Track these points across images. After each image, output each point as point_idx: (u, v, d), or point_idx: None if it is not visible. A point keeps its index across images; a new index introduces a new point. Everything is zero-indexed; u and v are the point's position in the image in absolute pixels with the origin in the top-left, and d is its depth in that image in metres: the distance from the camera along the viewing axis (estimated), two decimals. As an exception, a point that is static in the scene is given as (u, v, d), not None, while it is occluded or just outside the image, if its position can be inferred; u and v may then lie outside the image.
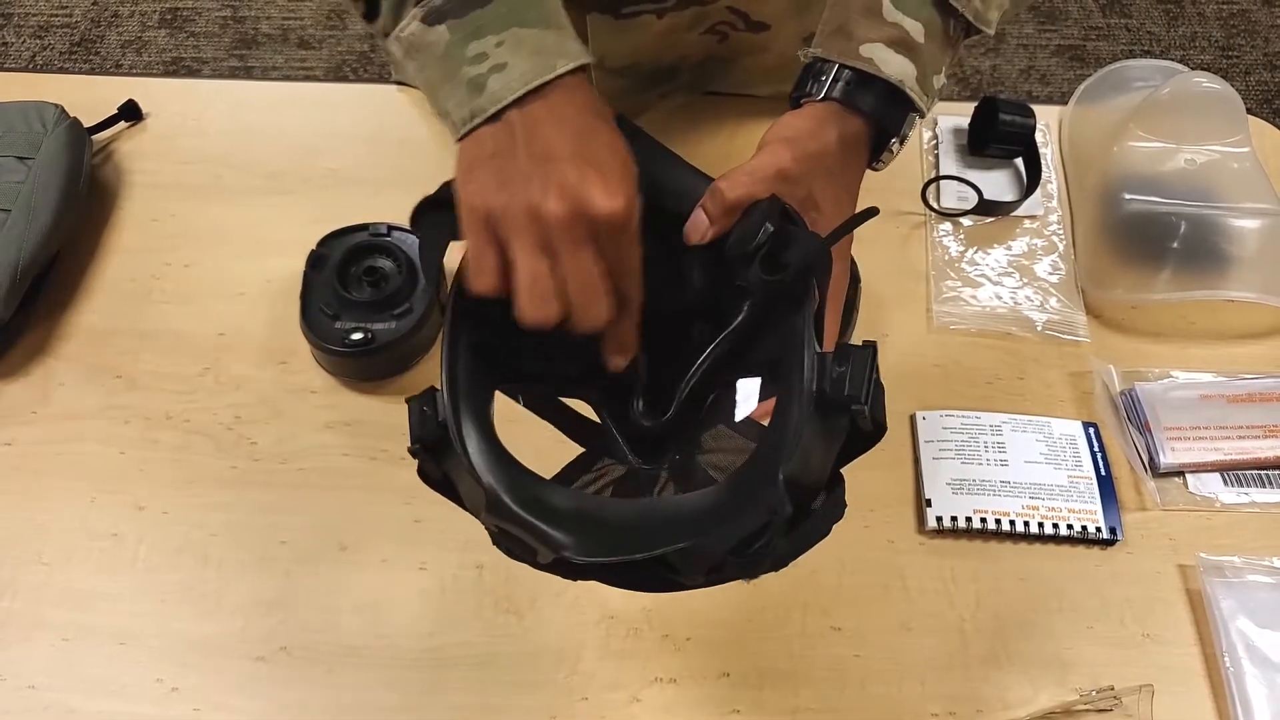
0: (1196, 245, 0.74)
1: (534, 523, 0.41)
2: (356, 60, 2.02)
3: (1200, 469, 0.66)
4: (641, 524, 0.43)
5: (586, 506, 0.44)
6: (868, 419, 0.41)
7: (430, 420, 0.44)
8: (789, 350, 0.44)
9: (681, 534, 0.40)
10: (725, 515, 0.41)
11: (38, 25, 2.06)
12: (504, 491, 0.42)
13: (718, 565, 0.41)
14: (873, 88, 0.53)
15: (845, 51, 0.53)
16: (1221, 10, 2.12)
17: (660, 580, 0.42)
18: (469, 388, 0.45)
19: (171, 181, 0.82)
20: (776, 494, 0.40)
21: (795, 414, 0.42)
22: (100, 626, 0.61)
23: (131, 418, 0.69)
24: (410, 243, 0.73)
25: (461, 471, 0.44)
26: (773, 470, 0.40)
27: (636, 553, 0.40)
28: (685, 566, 0.41)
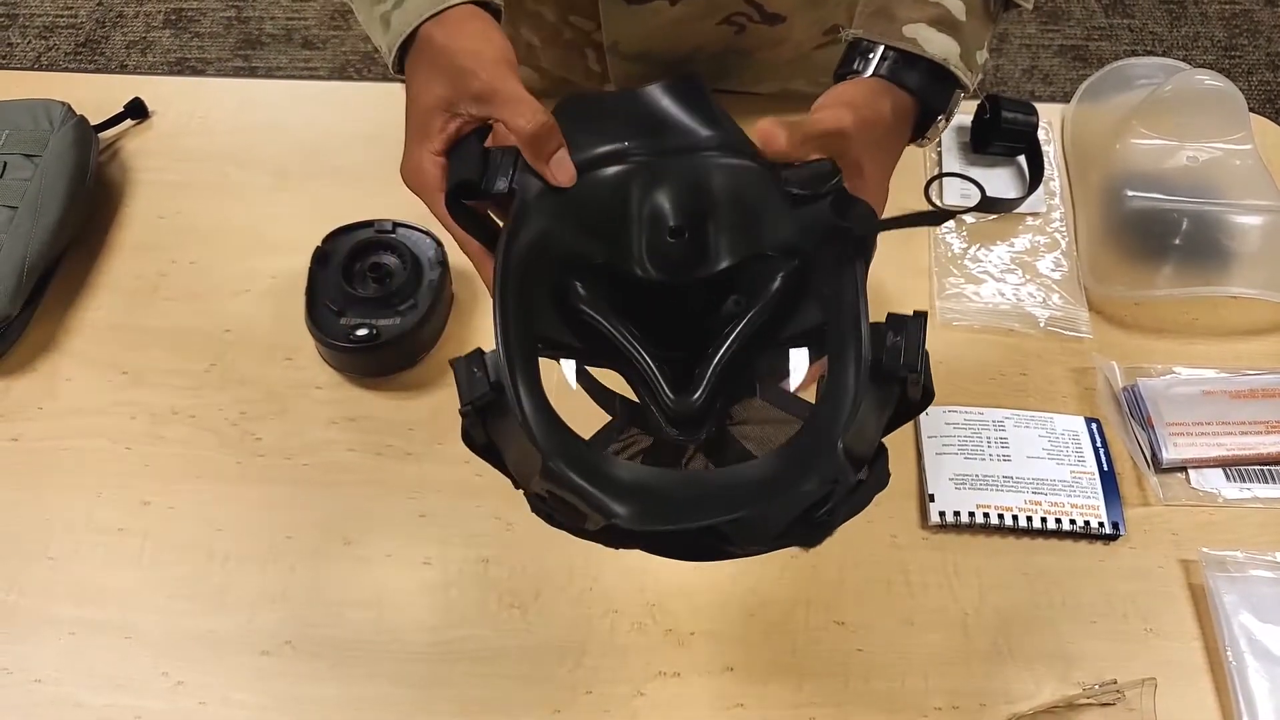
0: (1199, 242, 0.74)
1: (590, 490, 0.40)
2: (360, 60, 2.03)
3: (1202, 464, 0.67)
4: (698, 494, 0.42)
5: (641, 476, 0.43)
6: (920, 387, 0.42)
7: (481, 381, 0.43)
8: (840, 319, 0.44)
9: (738, 504, 0.40)
10: (782, 485, 0.41)
11: (43, 26, 2.07)
12: (560, 456, 0.41)
13: (780, 536, 0.41)
14: (918, 66, 0.54)
15: (888, 32, 0.54)
16: (1224, 10, 2.12)
17: (710, 550, 0.42)
18: (521, 348, 0.44)
19: (177, 179, 0.82)
20: (838, 463, 0.40)
21: (852, 384, 0.42)
22: (106, 621, 0.62)
23: (138, 413, 0.70)
24: (414, 239, 0.73)
25: (512, 435, 0.43)
26: (831, 440, 0.40)
27: (694, 522, 0.40)
28: (744, 537, 0.40)
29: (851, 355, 0.43)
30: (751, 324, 0.48)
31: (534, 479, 0.42)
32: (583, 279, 0.48)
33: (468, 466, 0.67)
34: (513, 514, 0.65)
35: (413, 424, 0.69)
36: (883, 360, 0.42)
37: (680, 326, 0.49)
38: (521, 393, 0.43)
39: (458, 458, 0.67)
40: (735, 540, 0.41)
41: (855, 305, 0.44)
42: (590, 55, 0.81)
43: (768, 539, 0.41)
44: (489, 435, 0.44)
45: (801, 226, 0.48)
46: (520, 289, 0.46)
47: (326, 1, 2.12)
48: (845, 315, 0.44)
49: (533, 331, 0.46)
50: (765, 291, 0.48)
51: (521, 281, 0.46)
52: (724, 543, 0.41)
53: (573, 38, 0.80)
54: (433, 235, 0.73)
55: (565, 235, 0.48)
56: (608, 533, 0.41)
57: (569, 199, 0.48)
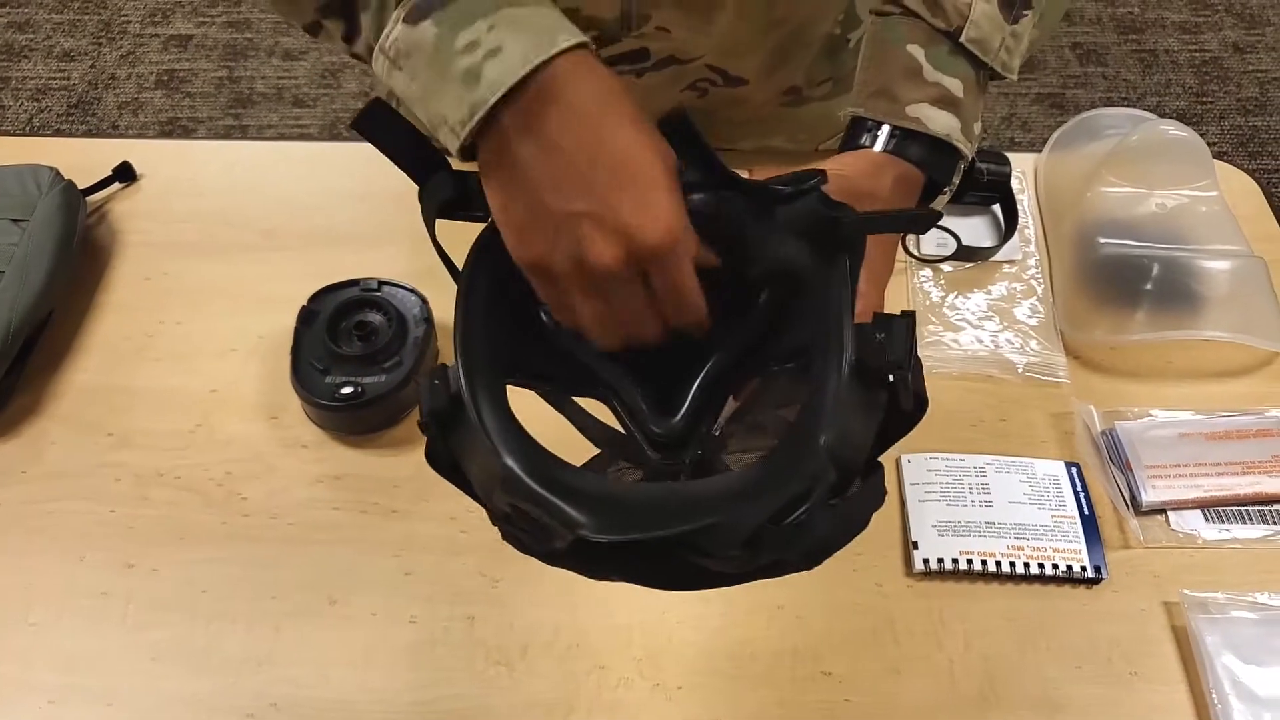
0: (1170, 286, 0.76)
1: (551, 499, 0.38)
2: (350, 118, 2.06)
3: (1181, 506, 0.67)
4: (666, 503, 0.40)
5: (608, 488, 0.42)
6: (909, 392, 0.40)
7: (441, 392, 0.41)
8: (822, 322, 0.42)
9: (711, 512, 0.38)
10: (759, 490, 0.39)
11: (35, 88, 2.10)
12: (521, 468, 0.39)
13: (752, 541, 0.38)
14: (921, 141, 0.56)
15: (892, 112, 0.56)
16: (1194, 58, 2.18)
17: (692, 573, 0.39)
18: (485, 363, 0.42)
19: (164, 240, 0.83)
20: (817, 460, 0.38)
21: (833, 380, 0.40)
22: (88, 687, 0.61)
23: (122, 475, 0.70)
24: (400, 296, 0.74)
25: (474, 448, 0.41)
26: (812, 437, 0.38)
27: (663, 530, 0.37)
28: (716, 544, 0.37)
29: (833, 351, 0.41)
30: (734, 343, 0.47)
31: (495, 493, 0.40)
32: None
33: (453, 523, 0.67)
34: (498, 570, 0.65)
35: (398, 481, 0.69)
36: (865, 358, 0.40)
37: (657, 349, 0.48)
38: (481, 402, 0.41)
39: (443, 515, 0.68)
40: (709, 551, 0.38)
41: (838, 301, 0.42)
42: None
43: (738, 545, 0.38)
44: (452, 453, 0.42)
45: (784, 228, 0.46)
46: (488, 304, 0.44)
47: (316, 61, 2.15)
48: (828, 312, 0.42)
49: (501, 345, 0.44)
50: (749, 311, 0.48)
51: (489, 296, 0.45)
52: (698, 556, 0.38)
53: None
54: (418, 292, 0.74)
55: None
56: (580, 555, 0.39)
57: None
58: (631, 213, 0.41)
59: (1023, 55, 0.60)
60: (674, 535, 0.37)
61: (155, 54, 2.17)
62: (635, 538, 0.37)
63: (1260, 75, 2.15)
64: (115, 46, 2.18)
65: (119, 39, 2.20)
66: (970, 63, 0.58)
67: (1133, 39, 2.22)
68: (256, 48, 2.18)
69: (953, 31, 0.57)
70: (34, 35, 2.20)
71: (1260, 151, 2.01)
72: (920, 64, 0.57)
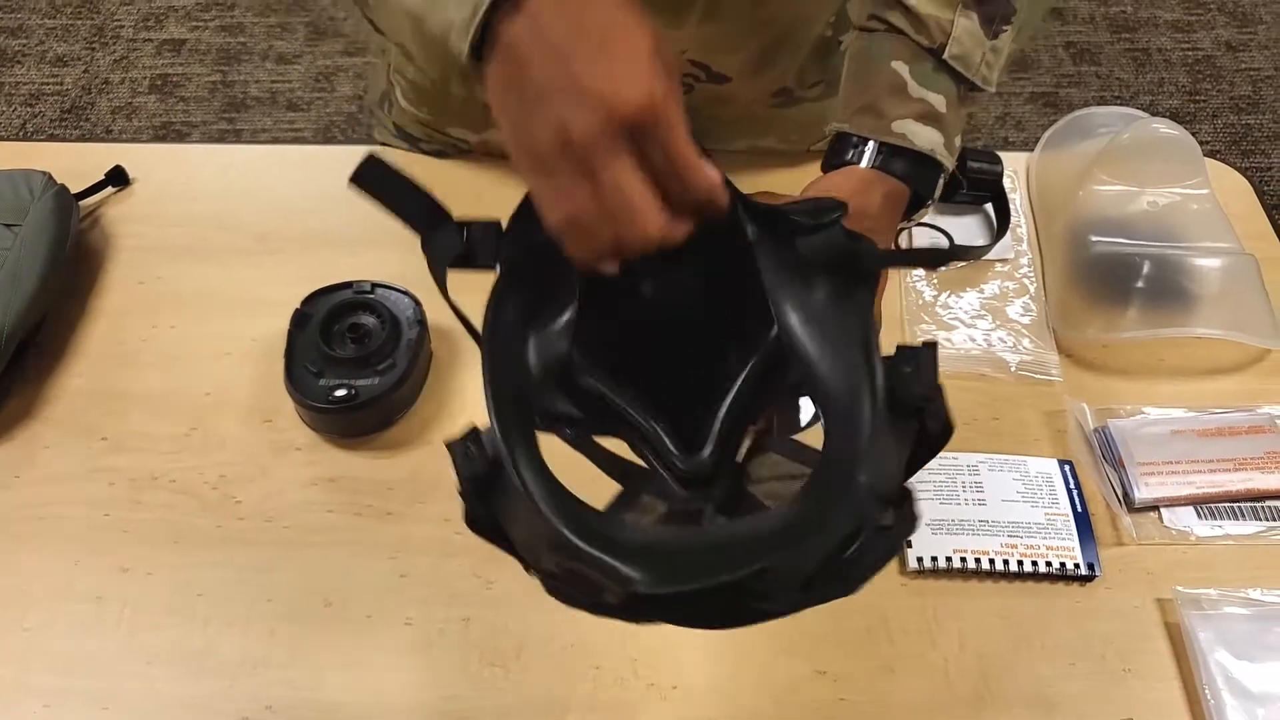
0: (1162, 284, 0.76)
1: (603, 559, 0.38)
2: (344, 121, 2.06)
3: (1174, 503, 0.67)
4: (717, 550, 0.40)
5: (656, 539, 0.42)
6: (938, 420, 0.41)
7: (478, 459, 0.41)
8: (847, 356, 0.43)
9: (760, 555, 0.38)
10: (803, 530, 0.39)
11: (29, 93, 2.10)
12: (569, 529, 0.39)
13: (809, 581, 0.38)
14: (906, 156, 0.58)
15: (878, 129, 0.58)
16: (1187, 57, 2.18)
17: (742, 611, 0.40)
18: (517, 422, 0.42)
19: (158, 244, 0.83)
20: (859, 498, 0.38)
21: (868, 416, 0.41)
22: (83, 691, 0.61)
23: (117, 479, 0.70)
24: (393, 299, 0.74)
25: (517, 511, 0.41)
26: (850, 476, 0.39)
27: (715, 579, 0.37)
28: (773, 588, 0.38)
29: (865, 387, 0.41)
30: (752, 373, 0.48)
31: (544, 555, 0.40)
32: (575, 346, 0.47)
33: (448, 525, 0.67)
34: (493, 572, 0.65)
35: (392, 484, 0.69)
36: (896, 391, 0.41)
37: (677, 383, 0.48)
38: (521, 465, 0.41)
39: (437, 517, 0.68)
40: (765, 595, 0.38)
41: (865, 335, 0.43)
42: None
43: (796, 588, 0.38)
44: (493, 516, 0.42)
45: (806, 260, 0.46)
46: (511, 360, 0.45)
47: (310, 65, 2.15)
48: (852, 345, 0.43)
49: (529, 402, 0.44)
50: (763, 340, 0.48)
51: (511, 352, 0.45)
52: (753, 600, 0.39)
53: None
54: (411, 295, 0.74)
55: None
56: (628, 605, 0.39)
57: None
58: (608, 81, 0.40)
59: (1001, 69, 0.61)
60: (730, 583, 0.37)
61: (149, 59, 2.17)
62: (693, 588, 0.38)
63: (1253, 73, 2.15)
64: (109, 51, 2.18)
65: (112, 44, 2.20)
66: (952, 78, 0.59)
67: (1126, 38, 2.23)
68: (250, 52, 2.18)
69: (936, 48, 0.59)
70: (27, 40, 2.20)
71: (1253, 150, 2.02)
72: (905, 80, 0.58)
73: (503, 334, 0.45)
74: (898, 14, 0.60)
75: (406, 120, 0.89)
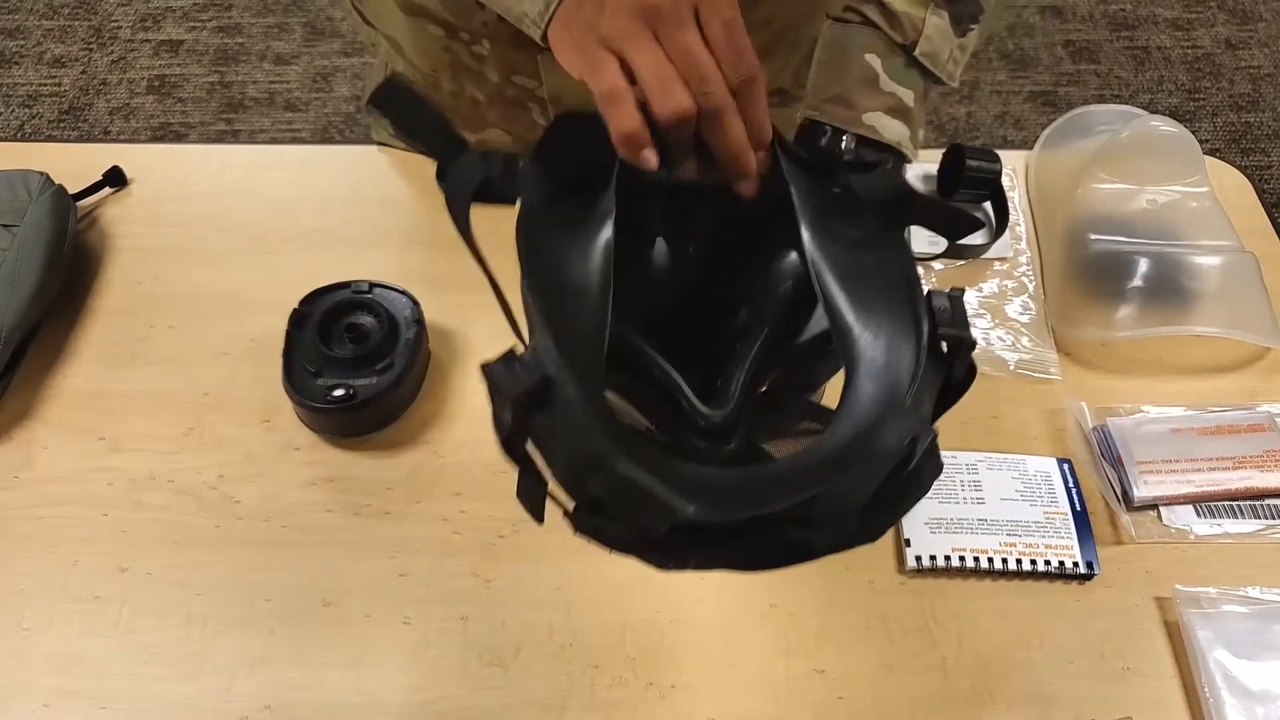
0: (1161, 283, 0.76)
1: (657, 484, 0.37)
2: (342, 121, 2.06)
3: (1173, 501, 0.67)
4: (768, 481, 0.39)
5: (708, 474, 0.40)
6: (964, 363, 0.42)
7: (524, 376, 0.38)
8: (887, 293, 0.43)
9: (815, 484, 0.37)
10: (857, 456, 0.38)
11: (26, 95, 2.10)
12: (624, 452, 0.37)
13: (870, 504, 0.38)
14: (874, 148, 0.59)
15: (849, 120, 0.59)
16: (1186, 55, 2.18)
17: (778, 550, 0.39)
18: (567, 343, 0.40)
19: (155, 245, 0.83)
20: (909, 420, 0.38)
21: (911, 350, 0.41)
22: (82, 691, 0.61)
23: (115, 479, 0.70)
24: (391, 299, 0.74)
25: (563, 432, 0.39)
26: (898, 399, 0.39)
27: (774, 505, 0.36)
28: (827, 516, 0.37)
29: (910, 324, 0.42)
30: (775, 329, 0.48)
31: (595, 478, 0.38)
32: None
33: (446, 525, 0.67)
34: (491, 571, 0.65)
35: (391, 483, 0.69)
36: (937, 328, 0.42)
37: (694, 341, 0.48)
38: (580, 381, 0.39)
39: (436, 516, 0.68)
40: (819, 523, 0.37)
41: (908, 274, 0.44)
42: (535, 109, 0.82)
43: (850, 515, 0.38)
44: (525, 439, 0.40)
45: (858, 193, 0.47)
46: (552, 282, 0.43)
47: (308, 65, 2.15)
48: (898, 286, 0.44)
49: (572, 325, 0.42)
50: (776, 299, 0.48)
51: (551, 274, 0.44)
52: (805, 529, 0.38)
53: (516, 95, 0.81)
54: (409, 294, 0.74)
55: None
56: (668, 544, 0.38)
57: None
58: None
59: (965, 65, 0.63)
60: (783, 511, 0.37)
61: (146, 59, 2.17)
62: (753, 513, 0.37)
63: (1253, 71, 2.15)
64: (106, 52, 2.18)
65: (110, 45, 2.20)
66: (921, 74, 0.61)
67: (1125, 35, 2.23)
68: (248, 52, 2.18)
69: (908, 45, 0.60)
70: (24, 41, 2.20)
71: (1253, 148, 2.02)
72: (877, 73, 0.60)
73: (541, 258, 0.44)
74: (873, 8, 0.61)
75: (404, 119, 0.89)
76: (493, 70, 0.80)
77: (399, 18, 0.77)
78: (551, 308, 0.41)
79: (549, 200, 0.46)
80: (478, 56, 0.78)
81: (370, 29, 0.84)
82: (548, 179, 0.47)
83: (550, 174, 0.47)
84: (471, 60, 0.78)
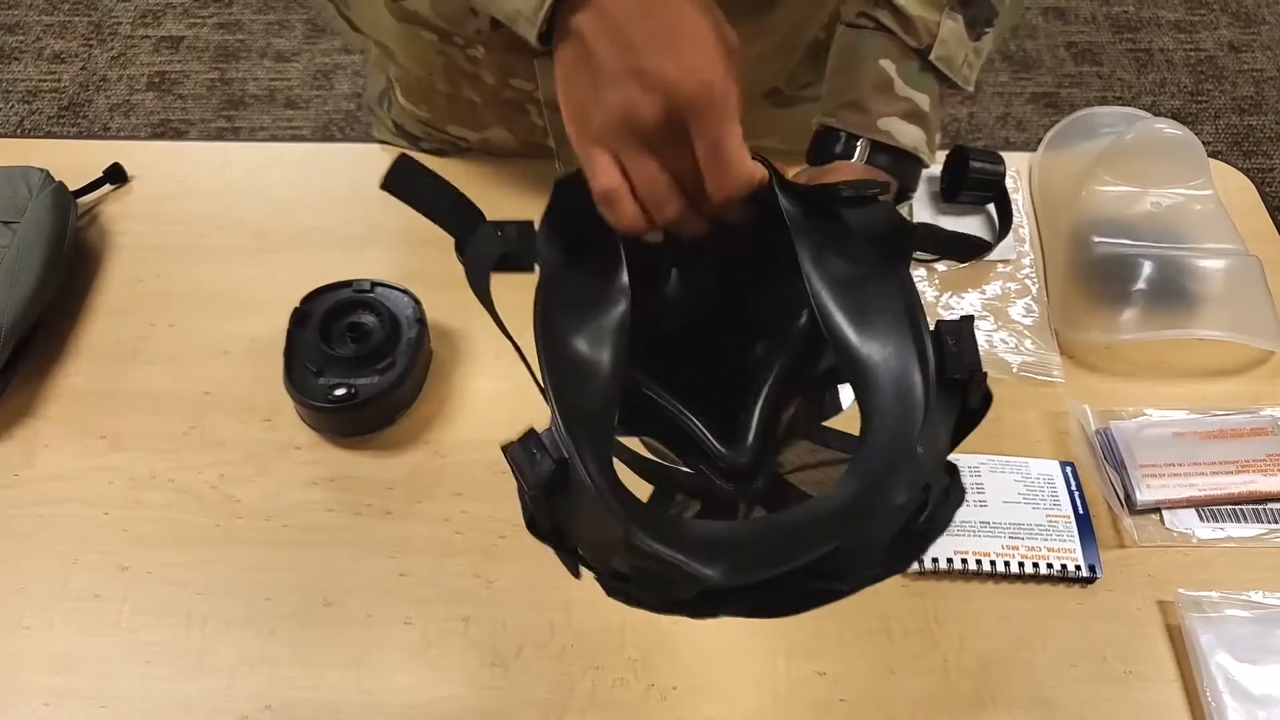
0: (1165, 286, 0.76)
1: (678, 557, 0.38)
2: (343, 119, 2.05)
3: (1176, 505, 0.67)
4: (785, 536, 0.40)
5: (720, 533, 0.42)
6: (979, 392, 0.42)
7: (543, 460, 0.40)
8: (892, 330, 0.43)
9: (831, 536, 0.38)
10: (870, 505, 0.39)
11: (26, 91, 2.09)
12: (640, 527, 0.39)
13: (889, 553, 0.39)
14: (891, 153, 0.59)
15: (864, 125, 0.59)
16: (1189, 57, 2.18)
17: (809, 595, 0.40)
18: (579, 422, 0.41)
19: (156, 243, 0.83)
20: (921, 469, 0.39)
21: (920, 389, 0.41)
22: (82, 690, 0.61)
23: (116, 478, 0.70)
24: (393, 298, 0.74)
25: (584, 512, 0.40)
26: (909, 448, 0.39)
27: (791, 564, 0.37)
28: (846, 566, 0.39)
29: (915, 362, 0.42)
30: (786, 364, 0.48)
31: (616, 555, 0.40)
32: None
33: (447, 525, 0.67)
34: (493, 572, 0.65)
35: (392, 483, 0.69)
36: (943, 365, 0.42)
37: (713, 378, 0.49)
38: (589, 464, 0.40)
39: (437, 516, 0.68)
40: (837, 574, 0.39)
41: (911, 311, 0.44)
42: (533, 111, 0.82)
43: (873, 563, 0.39)
44: (555, 518, 0.42)
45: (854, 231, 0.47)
46: (567, 359, 0.44)
47: (308, 63, 2.15)
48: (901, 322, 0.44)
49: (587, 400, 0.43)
50: (791, 331, 0.49)
51: (566, 351, 0.45)
52: (826, 581, 0.39)
53: (514, 97, 0.81)
54: (411, 293, 0.74)
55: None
56: (699, 600, 0.39)
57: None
58: (672, 68, 0.43)
59: (978, 69, 0.63)
60: (804, 568, 0.38)
61: (146, 56, 2.16)
62: (767, 576, 0.38)
63: (1256, 74, 2.15)
64: (106, 48, 2.18)
65: (110, 41, 2.19)
66: (936, 78, 0.61)
67: (1128, 38, 2.22)
68: (248, 49, 2.18)
69: (923, 49, 0.60)
70: (24, 37, 2.20)
71: (1255, 151, 2.02)
72: (892, 78, 0.60)
73: (555, 334, 0.45)
74: (887, 13, 0.61)
75: (406, 118, 0.89)
76: (489, 74, 0.80)
77: (391, 25, 0.77)
78: (563, 385, 0.42)
79: (563, 265, 0.47)
80: (473, 60, 0.78)
81: (359, 35, 0.84)
82: (561, 245, 0.47)
83: (562, 239, 0.47)
84: (467, 64, 0.78)
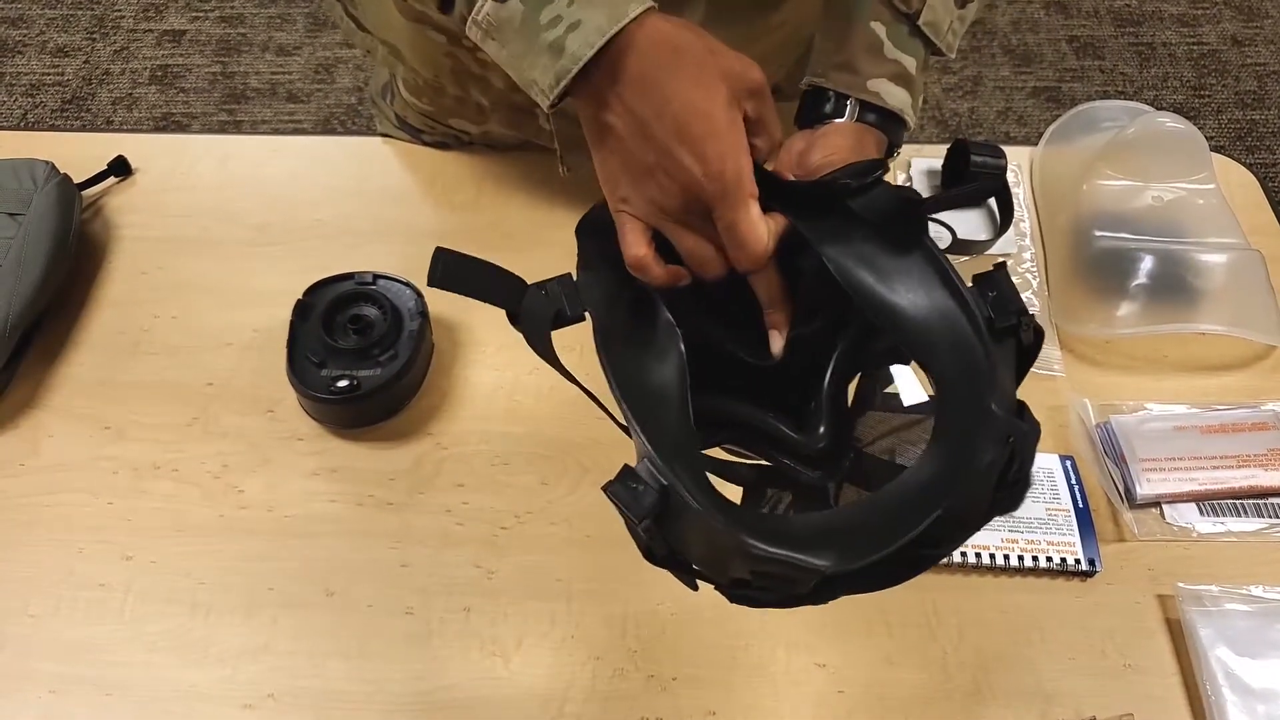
0: (1166, 280, 0.76)
1: (792, 555, 0.40)
2: (345, 113, 2.05)
3: (1176, 499, 0.67)
4: (885, 514, 0.42)
5: (821, 523, 0.44)
6: (1029, 329, 0.44)
7: (647, 492, 0.42)
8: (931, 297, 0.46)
9: (931, 505, 0.40)
10: (959, 467, 0.41)
11: (29, 84, 2.09)
12: (750, 536, 0.40)
13: (990, 513, 0.41)
14: (878, 112, 0.61)
15: (854, 85, 0.61)
16: (1192, 51, 2.17)
17: (918, 561, 0.42)
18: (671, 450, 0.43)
19: (160, 235, 0.83)
20: (998, 423, 0.40)
21: (977, 346, 0.43)
22: (87, 678, 0.61)
23: (120, 468, 0.70)
24: (395, 290, 0.74)
25: (694, 532, 0.42)
26: (983, 406, 0.41)
27: (901, 539, 0.39)
28: (948, 531, 0.40)
29: (965, 320, 0.44)
30: (843, 348, 0.50)
31: (733, 564, 0.42)
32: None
33: (448, 516, 0.68)
34: (494, 562, 0.66)
35: (394, 474, 0.70)
36: (993, 317, 0.44)
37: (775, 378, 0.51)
38: (690, 487, 0.42)
39: (439, 507, 0.68)
40: (945, 539, 0.41)
41: (944, 274, 0.46)
42: (541, 115, 0.82)
43: (978, 523, 0.41)
44: (668, 543, 0.43)
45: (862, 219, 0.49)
46: (643, 393, 0.46)
47: (310, 56, 2.15)
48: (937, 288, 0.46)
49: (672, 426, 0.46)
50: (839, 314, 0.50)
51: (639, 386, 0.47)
52: (935, 547, 0.41)
53: (523, 101, 0.81)
54: (413, 286, 0.74)
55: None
56: (818, 589, 0.41)
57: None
58: (692, 164, 0.48)
59: (961, 37, 0.65)
60: (912, 540, 0.39)
61: (149, 49, 2.16)
62: (884, 554, 0.39)
63: (1259, 69, 2.15)
64: (109, 42, 2.18)
65: (113, 34, 2.19)
66: (923, 43, 0.62)
67: (1130, 32, 2.22)
68: (250, 43, 2.18)
69: (912, 14, 0.62)
70: (28, 31, 2.20)
71: (1258, 145, 2.01)
72: (882, 41, 0.61)
73: (625, 375, 0.47)
74: None
75: (408, 112, 0.89)
76: (497, 77, 0.79)
77: (400, 24, 0.77)
78: (645, 419, 0.44)
79: (609, 309, 0.50)
80: (482, 63, 0.78)
81: (366, 35, 0.84)
82: (603, 291, 0.50)
83: (603, 285, 0.50)
84: (476, 66, 0.78)
